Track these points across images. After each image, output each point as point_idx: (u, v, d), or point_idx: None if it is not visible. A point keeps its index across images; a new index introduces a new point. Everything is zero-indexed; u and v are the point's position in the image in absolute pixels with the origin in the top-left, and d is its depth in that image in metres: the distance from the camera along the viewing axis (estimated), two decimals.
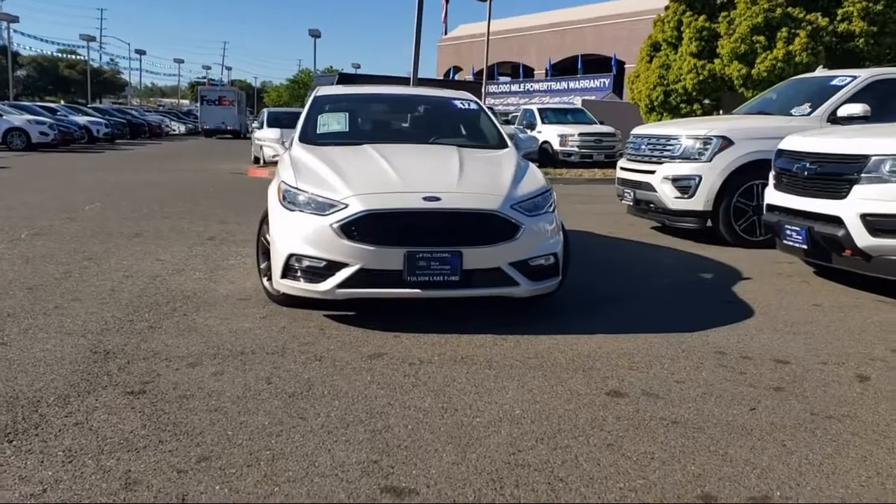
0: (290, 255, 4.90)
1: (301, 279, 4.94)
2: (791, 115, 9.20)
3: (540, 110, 23.68)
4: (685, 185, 8.92)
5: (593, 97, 44.30)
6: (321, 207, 4.88)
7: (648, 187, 9.22)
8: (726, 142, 8.75)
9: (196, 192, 13.47)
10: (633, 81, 21.70)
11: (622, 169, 9.98)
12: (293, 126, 18.22)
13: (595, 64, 51.99)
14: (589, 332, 5.06)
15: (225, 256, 7.31)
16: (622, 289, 6.39)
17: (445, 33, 59.63)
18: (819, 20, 17.99)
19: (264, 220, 5.60)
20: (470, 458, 3.18)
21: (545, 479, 3.02)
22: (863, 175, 6.03)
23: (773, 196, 7.04)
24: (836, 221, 6.16)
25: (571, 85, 51.33)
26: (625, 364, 4.44)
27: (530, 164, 5.79)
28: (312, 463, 3.11)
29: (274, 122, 20.88)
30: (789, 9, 17.94)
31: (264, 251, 5.64)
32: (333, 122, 6.25)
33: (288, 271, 4.97)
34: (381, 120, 6.69)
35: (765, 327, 5.32)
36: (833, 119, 8.82)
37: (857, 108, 8.63)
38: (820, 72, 10.67)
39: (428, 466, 3.10)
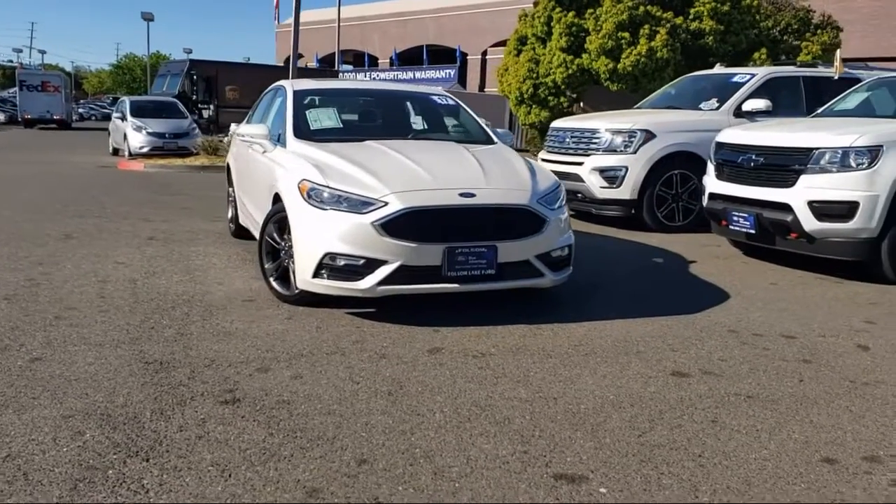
0: (326, 254, 4.85)
1: (336, 278, 4.91)
2: (700, 109, 9.95)
3: None
4: (612, 176, 9.44)
5: (440, 87, 44.93)
6: (357, 205, 4.86)
7: (576, 178, 9.66)
8: (649, 135, 9.35)
9: (86, 189, 12.63)
10: (503, 74, 22.34)
11: (545, 161, 10.38)
12: (160, 116, 17.40)
13: (440, 54, 52.79)
14: (603, 317, 5.35)
15: (186, 257, 7.01)
16: (596, 277, 6.72)
17: (277, 20, 58.34)
18: (675, 18, 19.30)
19: (270, 219, 5.47)
20: (606, 443, 3.37)
21: (687, 456, 3.26)
22: (808, 166, 6.70)
23: (715, 185, 7.64)
24: (785, 208, 6.80)
25: (418, 75, 51.76)
26: (663, 346, 4.77)
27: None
28: (468, 457, 3.19)
29: (138, 111, 19.81)
30: (650, 7, 19.12)
31: (270, 252, 5.52)
32: (324, 118, 6.15)
33: (321, 270, 4.91)
34: (370, 116, 6.64)
35: (749, 306, 5.82)
36: (738, 113, 9.64)
37: (760, 104, 9.49)
38: (718, 69, 11.55)
39: (577, 453, 3.26)
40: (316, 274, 4.93)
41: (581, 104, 23.05)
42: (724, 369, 4.37)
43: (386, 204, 4.80)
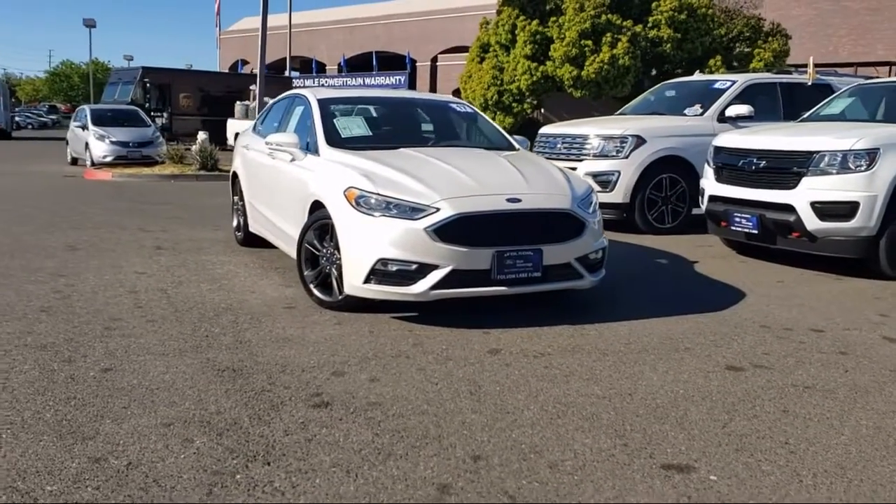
0: (378, 260, 4.93)
1: (388, 283, 4.99)
2: (685, 115, 10.28)
3: None
4: (605, 180, 9.68)
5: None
6: (407, 211, 4.96)
7: None
8: (640, 140, 9.62)
9: (63, 199, 12.39)
10: (466, 81, 22.55)
11: None
12: (122, 125, 17.12)
13: (389, 61, 52.83)
14: (638, 316, 5.53)
15: (203, 266, 6.99)
16: (611, 278, 6.84)
17: (219, 27, 57.67)
18: (634, 27, 19.78)
19: (310, 227, 5.52)
20: (696, 434, 3.54)
21: (775, 444, 3.45)
22: (810, 168, 7.02)
23: (715, 188, 7.93)
24: (788, 209, 7.11)
25: (367, 81, 51.58)
26: (706, 342, 4.97)
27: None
28: (574, 451, 3.32)
29: (99, 120, 19.43)
30: (610, 16, 19.55)
31: (309, 259, 5.57)
32: (354, 127, 6.22)
33: (372, 276, 4.99)
34: (396, 123, 6.71)
35: (768, 303, 6.08)
36: (722, 118, 10.00)
37: (743, 109, 9.87)
38: (697, 76, 11.93)
39: (673, 444, 3.42)
40: (367, 279, 5.00)
41: (542, 111, 23.43)
42: (772, 363, 4.59)
43: (437, 210, 4.91)
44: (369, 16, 56.56)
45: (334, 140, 5.95)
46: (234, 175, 8.06)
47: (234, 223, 8.20)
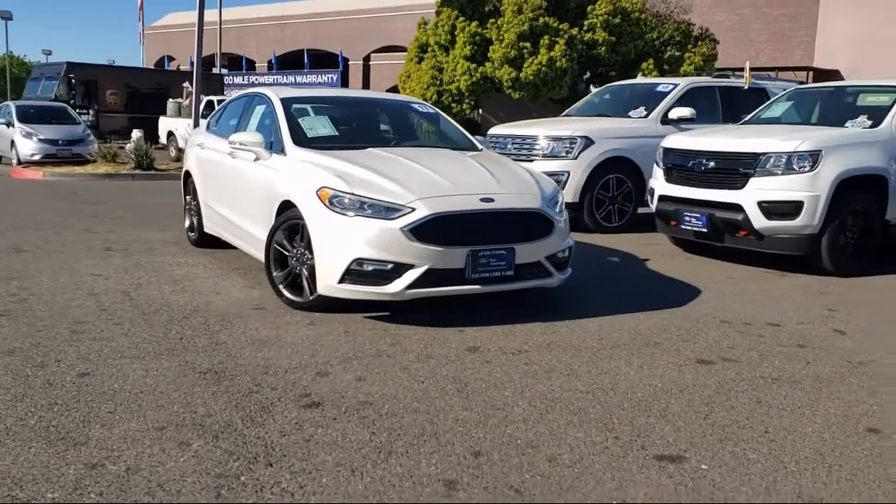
0: (354, 260, 4.94)
1: (363, 283, 5.00)
2: (630, 117, 10.54)
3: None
4: (556, 180, 9.79)
5: None
6: (383, 211, 4.98)
7: None
8: (588, 141, 9.82)
9: None
10: (405, 81, 22.58)
11: None
12: (49, 122, 16.60)
13: (321, 59, 52.45)
14: (604, 313, 5.67)
15: (160, 268, 6.86)
16: (571, 275, 7.04)
17: (142, 21, 56.24)
18: (570, 30, 20.16)
19: (279, 227, 5.49)
20: (680, 426, 3.67)
21: (755, 433, 3.61)
22: (757, 169, 7.30)
23: (665, 188, 8.16)
24: (736, 208, 7.38)
25: (299, 79, 51.22)
26: (673, 337, 5.14)
27: None
28: (569, 445, 3.41)
29: (25, 117, 18.77)
30: (548, 19, 19.88)
31: (278, 259, 5.54)
32: (319, 126, 6.18)
33: (348, 276, 5.00)
34: (361, 123, 6.69)
35: (723, 299, 6.30)
36: (665, 120, 10.27)
37: (685, 112, 10.17)
38: (640, 79, 12.22)
39: (661, 436, 3.54)
40: (342, 279, 5.00)
41: (480, 111, 23.65)
42: (738, 356, 4.77)
43: (413, 210, 4.94)
44: (301, 13, 55.99)
45: (300, 139, 5.92)
46: (187, 174, 7.92)
47: (187, 223, 8.05)
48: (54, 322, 5.02)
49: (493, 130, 11.01)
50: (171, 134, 22.67)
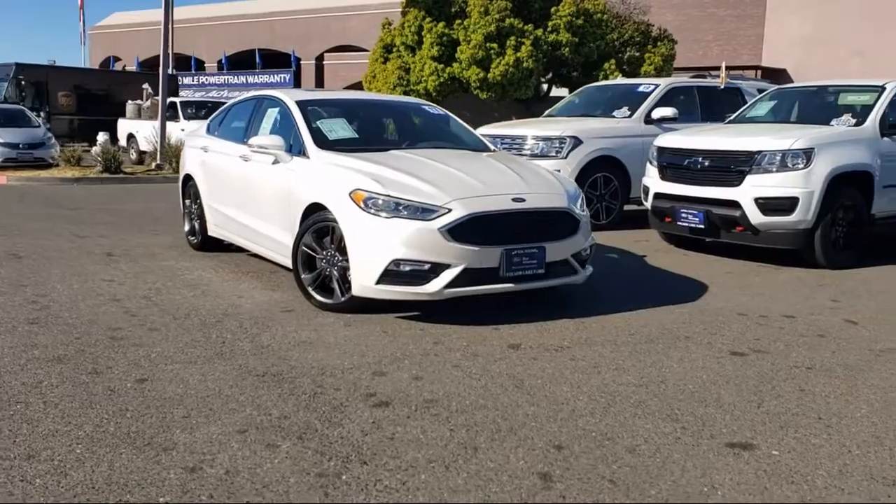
0: (393, 261, 5.00)
1: (400, 283, 5.06)
2: (614, 117, 10.76)
3: (183, 103, 22.39)
4: None
5: None
6: (419, 212, 5.05)
7: None
8: (577, 141, 10.01)
9: None
10: (371, 81, 22.57)
11: None
12: (7, 125, 16.15)
13: (274, 59, 51.96)
14: (624, 309, 5.80)
15: (171, 272, 6.81)
16: None
17: (83, 21, 54.96)
18: (535, 31, 20.40)
19: (308, 230, 5.52)
20: (738, 415, 3.82)
21: (810, 420, 3.78)
22: (753, 167, 7.55)
23: (660, 186, 8.37)
24: (734, 205, 7.62)
25: (251, 80, 50.59)
26: (700, 331, 5.31)
27: None
28: (644, 437, 3.53)
29: None
30: (513, 19, 20.09)
31: (306, 262, 5.57)
32: (339, 129, 6.19)
33: (385, 276, 5.05)
34: (375, 125, 6.72)
35: (731, 292, 6.51)
36: (648, 120, 10.52)
37: (668, 111, 10.43)
38: (620, 80, 12.46)
39: (725, 424, 3.69)
40: (380, 280, 5.05)
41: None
42: (766, 347, 4.96)
43: (450, 210, 5.02)
44: (252, 13, 55.42)
45: (322, 142, 5.94)
46: (187, 178, 7.85)
47: (187, 227, 7.98)
48: (88, 329, 4.97)
49: (481, 130, 11.10)
50: (131, 136, 22.22)
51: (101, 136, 17.05)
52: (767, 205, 7.48)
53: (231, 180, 6.85)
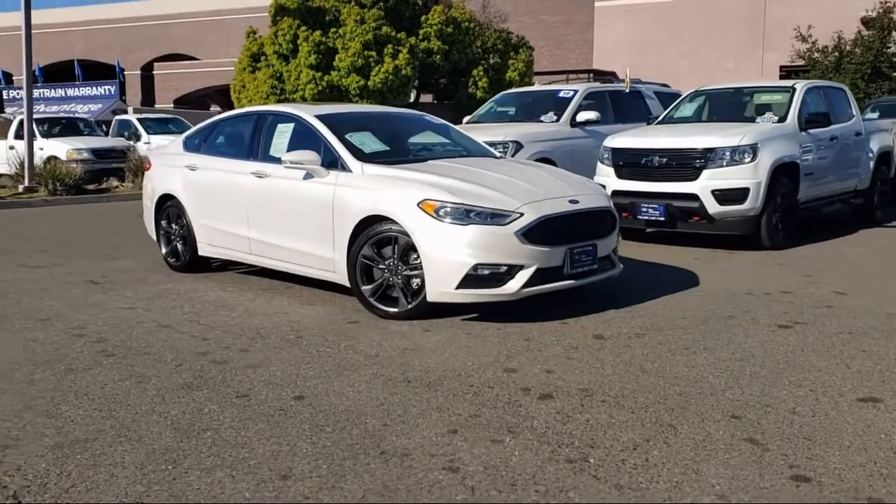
0: (474, 265, 5.23)
1: (479, 286, 5.30)
2: (542, 121, 11.36)
3: (141, 120, 22.10)
4: None
5: (100, 105, 42.79)
6: (490, 218, 5.31)
7: None
8: (518, 145, 10.51)
9: None
10: (240, 91, 22.05)
11: None
12: None
13: (95, 70, 49.10)
14: (649, 297, 6.31)
15: (184, 295, 6.60)
16: None
17: None
18: (409, 39, 20.82)
19: (367, 241, 5.61)
20: (846, 374, 4.39)
21: (866, 381, 4.43)
22: (708, 162, 8.36)
23: (618, 184, 9.02)
24: (692, 197, 8.40)
25: (70, 92, 47.51)
26: (734, 310, 5.89)
27: None
28: (794, 400, 4.02)
29: None
30: (388, 28, 20.40)
31: (365, 273, 5.67)
32: (369, 142, 6.27)
33: (466, 281, 5.27)
34: (397, 137, 6.79)
35: (718, 276, 7.20)
36: (573, 123, 11.21)
37: (591, 115, 11.18)
38: (539, 86, 13.08)
39: (844, 382, 4.24)
40: (460, 285, 5.26)
41: None
42: (802, 319, 5.62)
43: (522, 215, 5.32)
44: (69, 21, 52.10)
45: (360, 155, 6.03)
46: (165, 198, 7.58)
47: (165, 249, 7.70)
48: (176, 356, 4.84)
49: None
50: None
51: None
52: (723, 196, 8.30)
53: (237, 197, 6.74)
